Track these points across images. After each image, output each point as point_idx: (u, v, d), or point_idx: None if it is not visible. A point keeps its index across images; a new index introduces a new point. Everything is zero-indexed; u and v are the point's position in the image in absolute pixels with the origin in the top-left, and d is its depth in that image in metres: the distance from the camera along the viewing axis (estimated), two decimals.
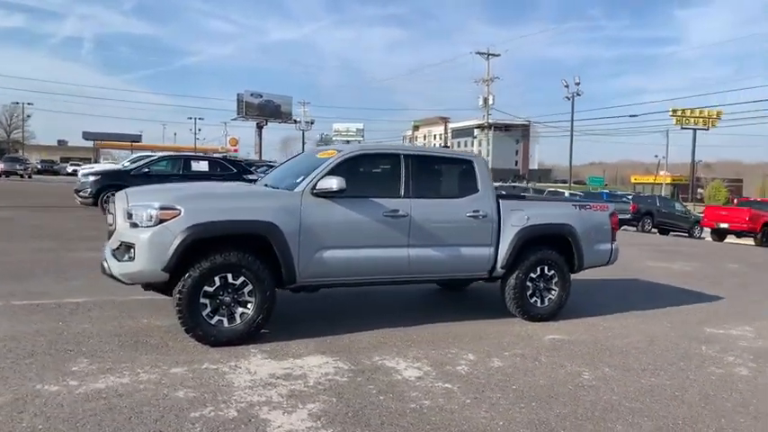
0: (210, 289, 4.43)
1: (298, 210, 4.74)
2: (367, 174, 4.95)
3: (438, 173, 5.62)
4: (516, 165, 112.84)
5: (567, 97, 45.76)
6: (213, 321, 4.46)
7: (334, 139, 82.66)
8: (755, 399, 4.13)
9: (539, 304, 5.95)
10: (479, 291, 7.27)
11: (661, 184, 65.69)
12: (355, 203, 4.97)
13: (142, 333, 4.71)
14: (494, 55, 52.03)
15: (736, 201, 26.11)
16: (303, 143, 73.68)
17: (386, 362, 4.40)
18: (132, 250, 4.30)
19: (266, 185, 5.62)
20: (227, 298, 4.50)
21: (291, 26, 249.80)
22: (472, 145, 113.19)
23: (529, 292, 5.87)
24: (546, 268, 5.95)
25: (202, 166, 15.56)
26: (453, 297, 7.06)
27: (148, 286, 4.62)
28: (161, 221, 4.29)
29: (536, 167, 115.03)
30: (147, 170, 14.73)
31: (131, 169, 15.20)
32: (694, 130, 38.81)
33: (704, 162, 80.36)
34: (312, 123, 69.56)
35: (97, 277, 6.37)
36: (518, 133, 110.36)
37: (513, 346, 5.05)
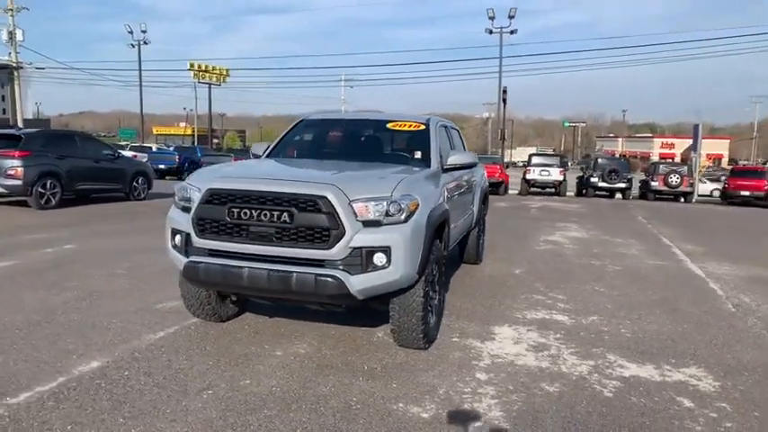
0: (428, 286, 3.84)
1: (444, 187, 4.45)
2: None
3: (455, 142, 5.88)
4: (5, 113, 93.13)
5: (131, 44, 42.41)
6: (429, 321, 3.90)
7: None
8: (728, 298, 6.65)
9: (479, 250, 7.08)
10: None
11: (191, 135, 69.05)
12: (454, 176, 4.94)
13: (340, 364, 3.59)
14: None
15: None
16: None
17: (534, 315, 4.88)
18: (383, 255, 3.31)
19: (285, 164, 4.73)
20: (431, 291, 3.98)
21: None
22: None
23: (481, 241, 6.92)
24: (483, 220, 7.10)
25: None
26: None
27: (364, 304, 3.53)
28: (411, 214, 3.45)
29: (31, 117, 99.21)
30: None
31: None
32: (209, 84, 43.58)
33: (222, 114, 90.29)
34: None
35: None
36: (5, 76, 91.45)
37: (524, 286, 6.08)
